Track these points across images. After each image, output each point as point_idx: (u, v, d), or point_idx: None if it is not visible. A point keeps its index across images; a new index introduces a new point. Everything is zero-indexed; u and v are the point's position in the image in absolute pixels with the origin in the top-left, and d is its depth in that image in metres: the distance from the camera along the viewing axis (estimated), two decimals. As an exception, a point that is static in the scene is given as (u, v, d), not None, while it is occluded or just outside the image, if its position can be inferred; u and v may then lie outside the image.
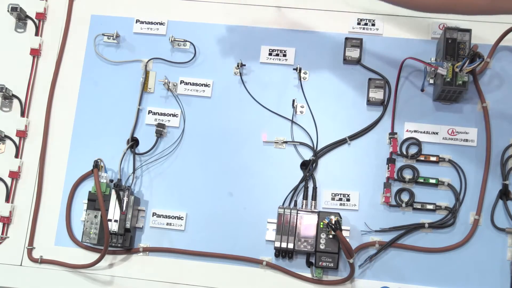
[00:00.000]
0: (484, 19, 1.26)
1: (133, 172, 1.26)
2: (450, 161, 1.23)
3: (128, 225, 1.20)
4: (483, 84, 1.25)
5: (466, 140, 1.23)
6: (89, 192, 1.23)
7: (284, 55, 1.30)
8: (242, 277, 1.22)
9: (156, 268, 1.23)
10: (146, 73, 1.30)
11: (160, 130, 1.27)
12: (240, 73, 1.29)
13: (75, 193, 1.27)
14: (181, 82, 1.30)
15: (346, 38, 1.28)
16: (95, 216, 1.22)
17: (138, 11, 1.35)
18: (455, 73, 1.17)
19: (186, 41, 1.31)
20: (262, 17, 1.32)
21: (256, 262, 1.22)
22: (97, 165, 1.22)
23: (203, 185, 1.26)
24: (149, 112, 1.30)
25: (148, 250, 1.24)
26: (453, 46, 1.19)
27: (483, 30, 1.25)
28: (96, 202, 1.20)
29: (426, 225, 1.20)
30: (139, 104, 1.29)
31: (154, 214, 1.25)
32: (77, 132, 1.30)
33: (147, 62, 1.31)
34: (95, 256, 1.21)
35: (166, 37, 1.32)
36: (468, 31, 1.19)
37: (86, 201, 1.23)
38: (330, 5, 1.31)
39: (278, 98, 1.28)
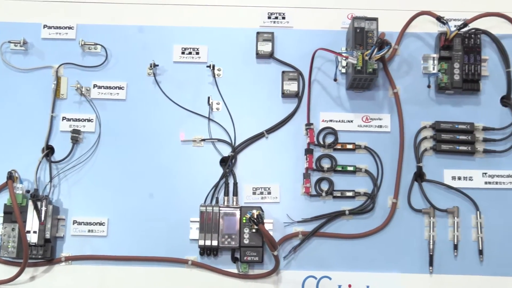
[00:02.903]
0: (390, 7, 1.30)
1: (50, 181, 1.23)
2: (366, 148, 1.25)
3: (48, 235, 1.18)
4: (393, 71, 1.28)
5: (380, 126, 1.26)
6: (5, 204, 1.19)
7: (197, 53, 1.29)
8: (168, 278, 1.21)
9: (80, 277, 1.21)
10: (58, 79, 1.28)
11: (76, 136, 1.25)
12: (154, 74, 1.28)
13: (-11, 206, 1.23)
14: (94, 86, 1.28)
15: (258, 33, 1.29)
16: (13, 229, 1.18)
17: (45, 16, 1.31)
18: (365, 61, 1.20)
19: (97, 44, 1.29)
20: (173, 16, 1.31)
21: (182, 262, 1.21)
22: (11, 176, 1.19)
23: (123, 188, 1.25)
24: (63, 118, 1.27)
25: (70, 259, 1.21)
26: (362, 35, 1.22)
27: (390, 18, 1.28)
28: (13, 215, 1.17)
29: (347, 212, 1.23)
30: (52, 111, 1.27)
31: (74, 222, 1.23)
32: (-12, 144, 1.26)
33: (57, 67, 1.28)
34: (15, 270, 1.18)
35: (76, 41, 1.29)
36: (375, 19, 1.22)
37: (2, 214, 1.19)
38: (240, 1, 1.32)
39: (194, 96, 1.28)
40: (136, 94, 1.28)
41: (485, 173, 1.24)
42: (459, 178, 1.24)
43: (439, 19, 1.24)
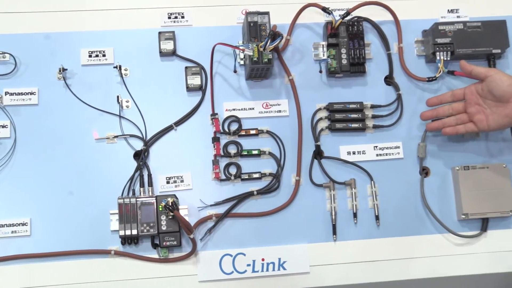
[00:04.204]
0: (280, 1, 1.40)
1: (-31, 188, 1.28)
2: (268, 132, 1.35)
3: (-29, 240, 1.22)
4: (287, 59, 1.39)
5: (280, 111, 1.37)
6: None
7: (104, 55, 1.36)
8: (94, 269, 1.27)
9: (7, 277, 1.26)
10: (-31, 89, 1.32)
11: (-9, 143, 1.30)
12: (64, 78, 1.34)
13: None
14: (6, 93, 1.33)
15: (159, 32, 1.37)
16: None
17: None
18: (260, 52, 1.29)
19: (5, 53, 1.34)
20: (78, 21, 1.38)
21: (105, 252, 1.28)
22: None
23: (43, 189, 1.30)
24: (-23, 126, 1.31)
25: (-5, 260, 1.26)
26: (255, 28, 1.31)
27: (280, 11, 1.38)
28: None
29: (255, 193, 1.32)
30: (-35, 120, 1.31)
31: (-3, 224, 1.28)
32: None
33: (-33, 78, 1.32)
34: None
35: (-16, 52, 1.34)
36: (267, 13, 1.32)
37: None
38: (141, 3, 1.39)
39: (104, 97, 1.34)
40: (48, 99, 1.34)
41: (376, 146, 1.37)
42: (354, 153, 1.37)
43: (325, 9, 1.36)
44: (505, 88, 1.20)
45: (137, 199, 1.28)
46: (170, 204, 1.24)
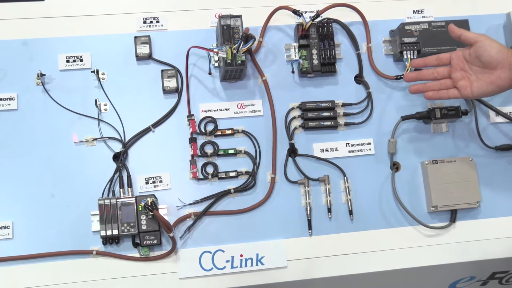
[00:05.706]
0: (252, 4, 1.44)
1: (-50, 193, 1.30)
2: (243, 132, 1.39)
3: (-46, 244, 1.24)
4: (260, 61, 1.43)
5: (254, 111, 1.41)
6: None
7: (81, 60, 1.39)
8: (77, 269, 1.30)
9: (-11, 280, 1.28)
10: (-52, 96, 1.34)
11: (-29, 148, 1.32)
12: (42, 83, 1.37)
13: None
14: (-15, 99, 1.35)
15: (135, 37, 1.40)
16: None
17: None
18: (234, 54, 1.32)
19: (-16, 60, 1.36)
20: (55, 28, 1.40)
21: (87, 253, 1.31)
22: None
23: (25, 192, 1.32)
24: (-42, 132, 1.33)
25: (-22, 263, 1.28)
26: (229, 31, 1.35)
27: (253, 14, 1.42)
28: None
29: (232, 191, 1.36)
30: None
31: (-21, 229, 1.30)
32: None
33: None
34: None
35: (-38, 58, 1.36)
36: (239, 16, 1.35)
37: None
38: (116, 9, 1.42)
39: (83, 100, 1.37)
40: (27, 104, 1.36)
41: (348, 143, 1.42)
42: (327, 150, 1.41)
43: (295, 12, 1.40)
44: (494, 54, 1.18)
45: (117, 200, 1.31)
46: (150, 204, 1.27)
